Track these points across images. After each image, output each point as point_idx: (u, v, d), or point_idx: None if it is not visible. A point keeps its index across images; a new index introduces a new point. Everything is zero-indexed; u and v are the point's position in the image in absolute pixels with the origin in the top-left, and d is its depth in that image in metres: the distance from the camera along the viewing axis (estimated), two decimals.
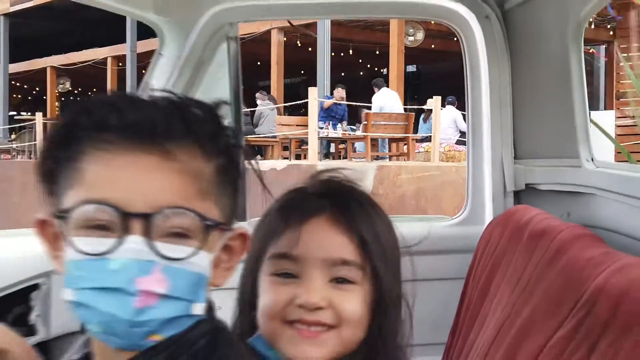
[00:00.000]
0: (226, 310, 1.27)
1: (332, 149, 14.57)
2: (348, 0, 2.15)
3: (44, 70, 23.26)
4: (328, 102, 14.13)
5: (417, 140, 13.76)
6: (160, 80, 2.10)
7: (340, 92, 14.66)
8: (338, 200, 1.28)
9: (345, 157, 13.25)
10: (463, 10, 2.17)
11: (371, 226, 1.27)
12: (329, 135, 13.61)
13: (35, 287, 1.93)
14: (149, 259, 0.93)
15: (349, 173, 1.35)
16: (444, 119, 13.42)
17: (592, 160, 1.88)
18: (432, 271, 2.15)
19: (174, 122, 0.96)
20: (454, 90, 14.13)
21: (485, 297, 1.81)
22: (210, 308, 1.05)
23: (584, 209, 1.86)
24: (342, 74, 21.22)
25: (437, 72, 22.20)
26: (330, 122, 14.13)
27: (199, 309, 0.98)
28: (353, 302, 1.26)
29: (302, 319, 1.24)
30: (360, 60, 20.95)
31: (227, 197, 1.03)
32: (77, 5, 1.69)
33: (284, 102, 16.44)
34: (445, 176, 9.97)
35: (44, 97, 24.29)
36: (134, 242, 0.93)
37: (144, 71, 20.97)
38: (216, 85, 2.17)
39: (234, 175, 1.04)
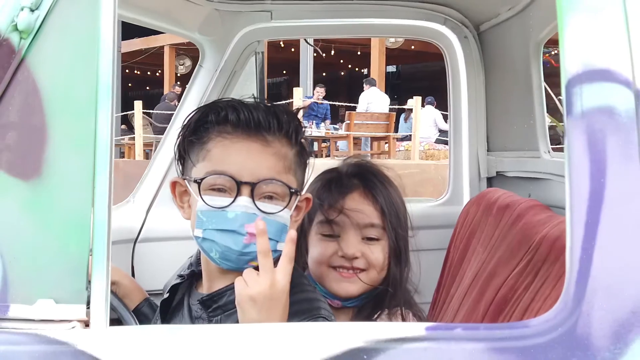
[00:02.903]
0: None
1: (315, 147, 14.70)
2: (354, 22, 2.45)
3: None
4: (306, 103, 14.02)
5: (398, 139, 13.78)
6: (200, 87, 2.41)
7: (320, 92, 14.66)
8: (365, 179, 1.77)
9: (328, 156, 13.20)
10: (446, 31, 2.47)
11: (389, 198, 1.75)
12: (312, 134, 13.74)
13: None
14: (253, 212, 1.34)
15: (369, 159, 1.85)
16: (425, 118, 13.45)
17: (549, 152, 2.19)
18: (418, 243, 2.47)
19: (270, 120, 1.37)
20: (433, 90, 14.24)
21: (463, 259, 2.13)
22: None
23: (542, 191, 2.11)
24: (324, 73, 21.26)
25: (417, 73, 22.31)
26: (314, 121, 14.29)
27: (280, 246, 1.37)
28: (378, 253, 1.74)
29: (343, 265, 1.72)
30: (341, 61, 20.83)
31: (301, 172, 1.46)
32: None
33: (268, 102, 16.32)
34: (425, 174, 10.09)
35: None
36: (244, 201, 1.34)
37: (127, 71, 20.62)
38: (245, 91, 2.35)
39: (305, 158, 1.47)
